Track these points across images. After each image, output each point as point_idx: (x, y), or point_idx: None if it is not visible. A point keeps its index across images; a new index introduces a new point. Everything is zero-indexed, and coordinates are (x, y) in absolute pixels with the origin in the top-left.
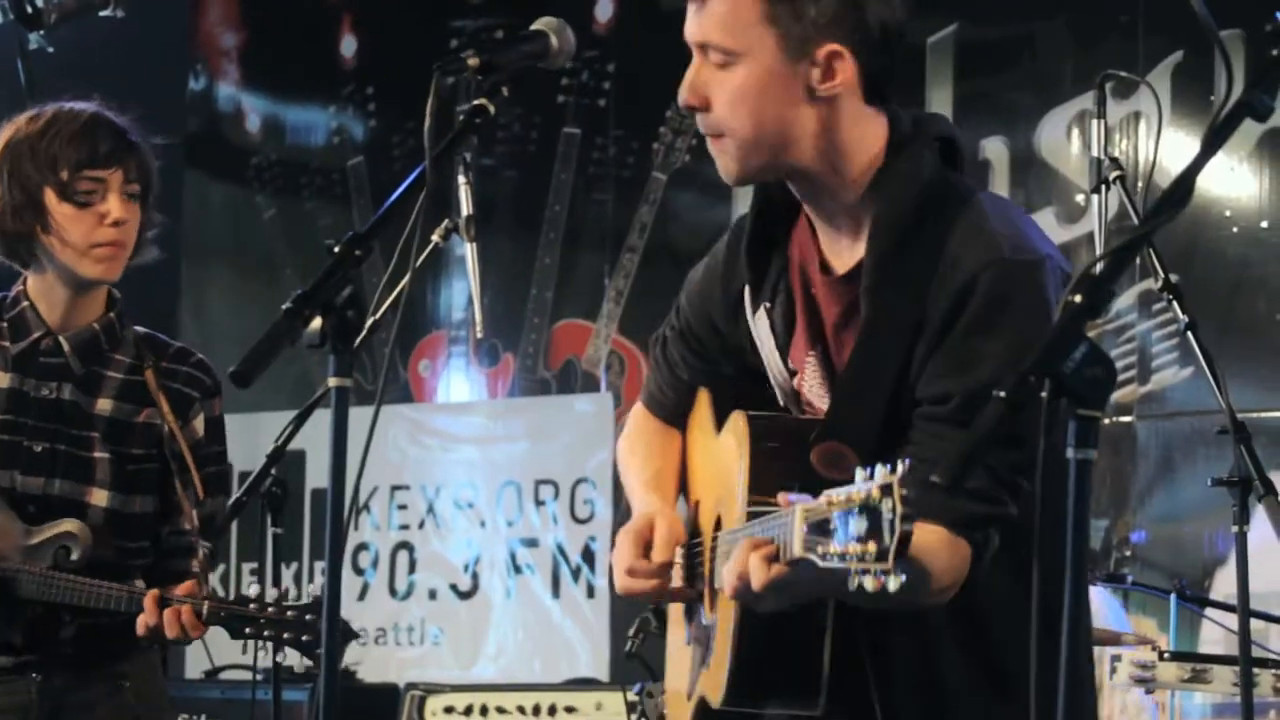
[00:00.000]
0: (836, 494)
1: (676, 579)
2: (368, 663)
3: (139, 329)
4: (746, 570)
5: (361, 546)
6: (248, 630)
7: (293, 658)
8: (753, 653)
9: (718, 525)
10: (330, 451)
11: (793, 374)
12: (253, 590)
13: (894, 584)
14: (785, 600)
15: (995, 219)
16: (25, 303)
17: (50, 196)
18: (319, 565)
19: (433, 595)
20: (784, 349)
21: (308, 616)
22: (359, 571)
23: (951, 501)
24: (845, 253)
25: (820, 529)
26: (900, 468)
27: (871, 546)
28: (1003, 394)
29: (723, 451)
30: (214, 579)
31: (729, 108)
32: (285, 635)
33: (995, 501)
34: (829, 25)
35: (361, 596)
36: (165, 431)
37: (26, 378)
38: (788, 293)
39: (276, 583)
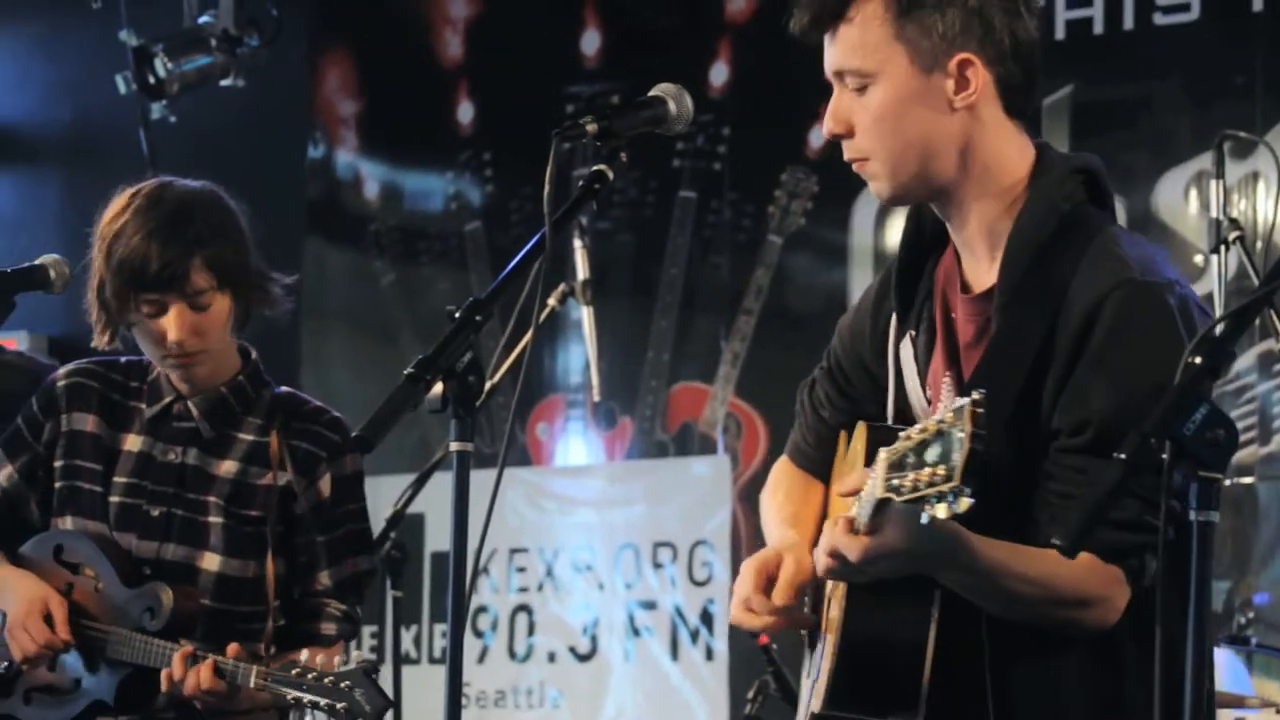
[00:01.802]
0: (913, 429)
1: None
2: None
3: (281, 389)
4: (836, 545)
5: (481, 609)
6: (290, 697)
7: None
8: (853, 656)
9: None
10: (452, 515)
11: (930, 402)
12: (302, 656)
13: (963, 504)
14: (883, 567)
15: (1126, 245)
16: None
17: (121, 307)
18: (439, 628)
19: (552, 658)
20: (923, 376)
21: (344, 684)
22: (478, 634)
23: (1108, 534)
24: (984, 274)
25: (899, 466)
26: (976, 394)
27: (941, 469)
28: (1123, 456)
29: (853, 465)
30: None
31: (871, 129)
32: (324, 703)
33: (1145, 529)
34: (958, 36)
35: (481, 659)
36: (290, 494)
37: (157, 441)
38: (930, 320)
39: (397, 646)
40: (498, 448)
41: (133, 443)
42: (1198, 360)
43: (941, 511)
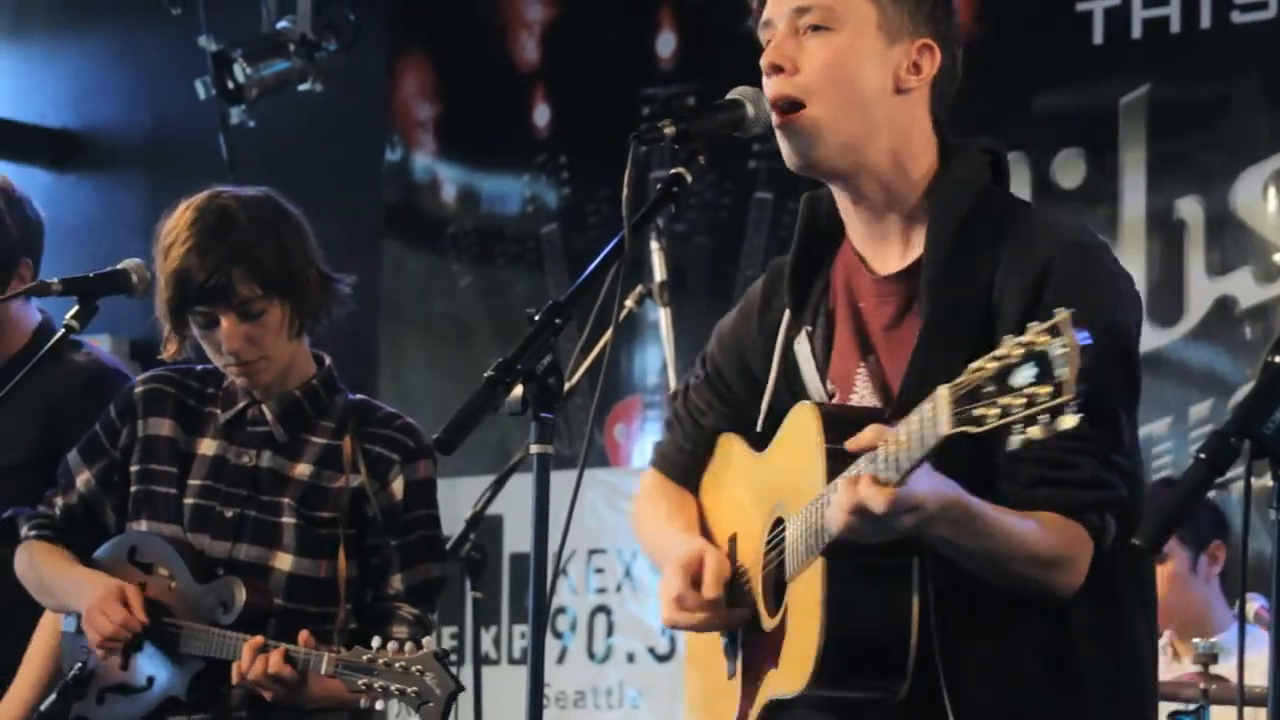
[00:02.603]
0: (984, 360)
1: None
2: None
3: (354, 396)
4: (861, 498)
5: (560, 610)
6: (362, 682)
7: None
8: (840, 629)
9: (773, 529)
10: (533, 517)
11: (831, 395)
12: (374, 644)
13: (1071, 420)
14: (906, 521)
15: (1056, 215)
16: None
17: (177, 320)
18: (518, 629)
19: (631, 658)
20: (822, 371)
21: (415, 669)
22: (557, 635)
23: (1068, 493)
24: (894, 257)
25: (971, 398)
26: (1062, 313)
27: (1044, 388)
28: (1204, 455)
29: (783, 451)
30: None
31: (821, 72)
32: (395, 687)
33: (1105, 486)
34: (925, 20)
35: (560, 660)
36: (362, 497)
37: (231, 445)
38: (828, 315)
39: (476, 646)
40: (576, 449)
41: (207, 446)
42: (1277, 359)
43: (1037, 433)
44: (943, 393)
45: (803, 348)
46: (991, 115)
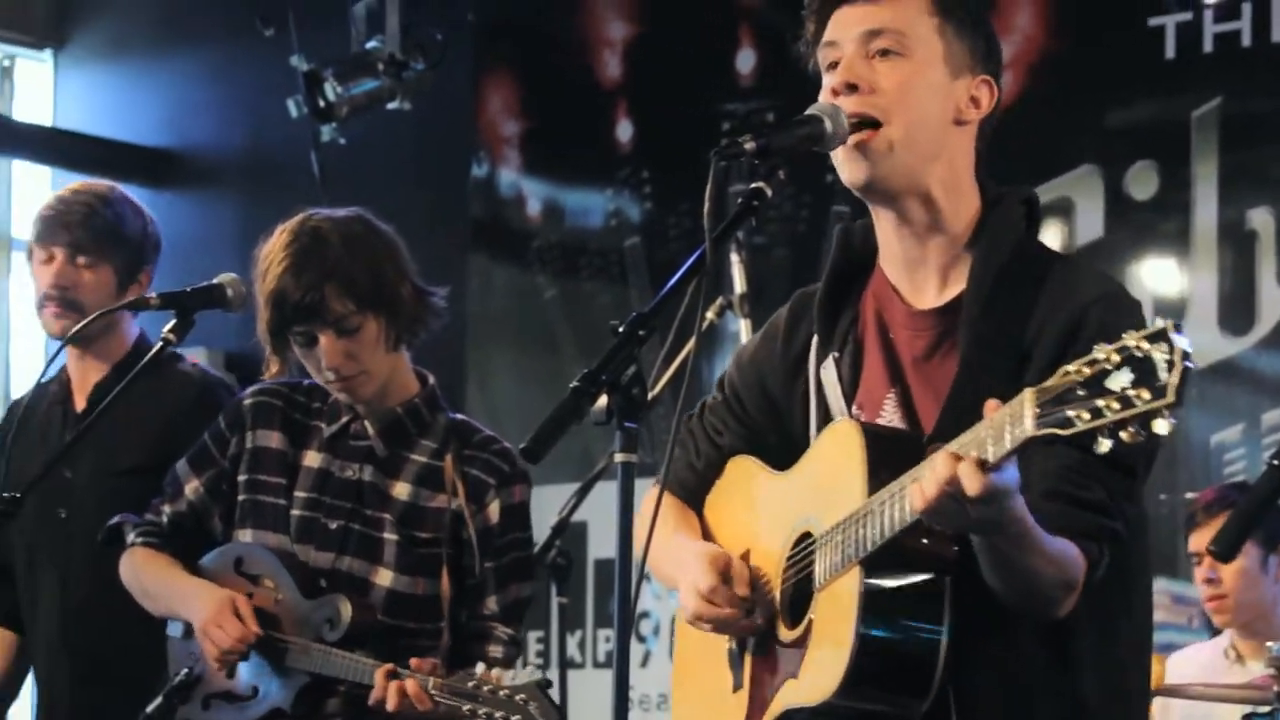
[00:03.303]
0: (1076, 364)
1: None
2: None
3: (455, 416)
4: (959, 475)
5: (643, 615)
6: (466, 708)
7: None
8: (874, 640)
9: (801, 543)
10: (617, 524)
11: (857, 419)
12: (478, 669)
13: (1165, 427)
14: (988, 511)
15: (1093, 268)
16: None
17: (277, 339)
18: (602, 633)
19: None
20: (848, 396)
21: (519, 697)
22: (641, 639)
23: (1076, 512)
24: (931, 292)
25: (1058, 401)
26: (1166, 321)
27: (1143, 392)
28: (1276, 461)
29: (816, 466)
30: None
31: (896, 92)
32: (499, 715)
33: (1112, 516)
34: (984, 58)
35: (644, 663)
36: (459, 517)
37: (335, 458)
38: (856, 343)
39: (562, 650)
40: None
41: (312, 459)
42: None
43: (1127, 437)
44: (1027, 395)
45: (829, 373)
46: (1065, 129)
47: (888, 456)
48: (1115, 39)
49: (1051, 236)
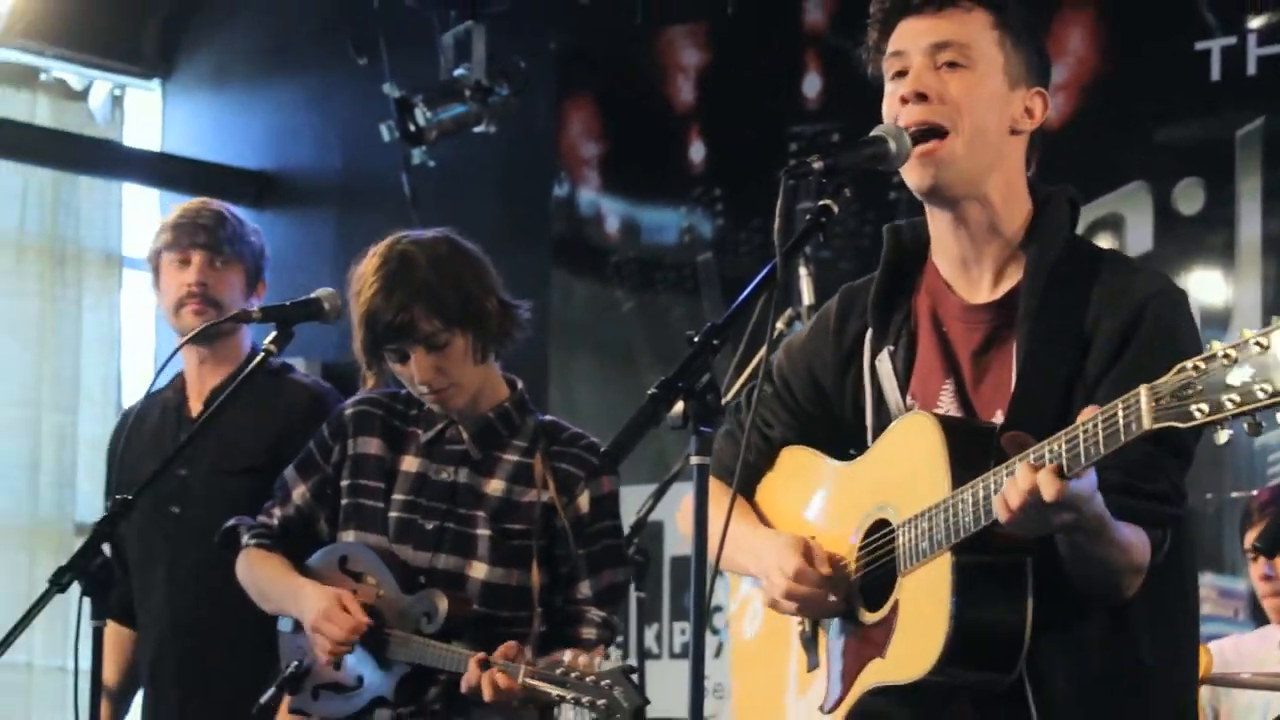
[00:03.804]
0: (1193, 360)
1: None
2: (724, 715)
3: (544, 417)
4: (1037, 483)
5: (717, 608)
6: (555, 694)
7: None
8: (970, 616)
9: (871, 533)
10: (693, 522)
11: (909, 408)
12: (565, 656)
13: None
14: (1065, 517)
15: (1143, 263)
16: None
17: (371, 357)
18: (678, 625)
19: None
20: (903, 387)
21: (604, 683)
22: (714, 631)
23: (1144, 504)
24: (985, 288)
25: (1178, 396)
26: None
27: (1264, 386)
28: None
29: (886, 458)
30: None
31: (962, 104)
32: (585, 699)
33: (1175, 504)
34: (1038, 71)
35: (718, 654)
36: (551, 511)
37: (431, 462)
38: (910, 336)
39: (640, 643)
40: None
41: (410, 464)
42: None
43: (1248, 429)
44: (1144, 391)
45: (884, 365)
46: (1115, 146)
47: (967, 448)
48: (1163, 62)
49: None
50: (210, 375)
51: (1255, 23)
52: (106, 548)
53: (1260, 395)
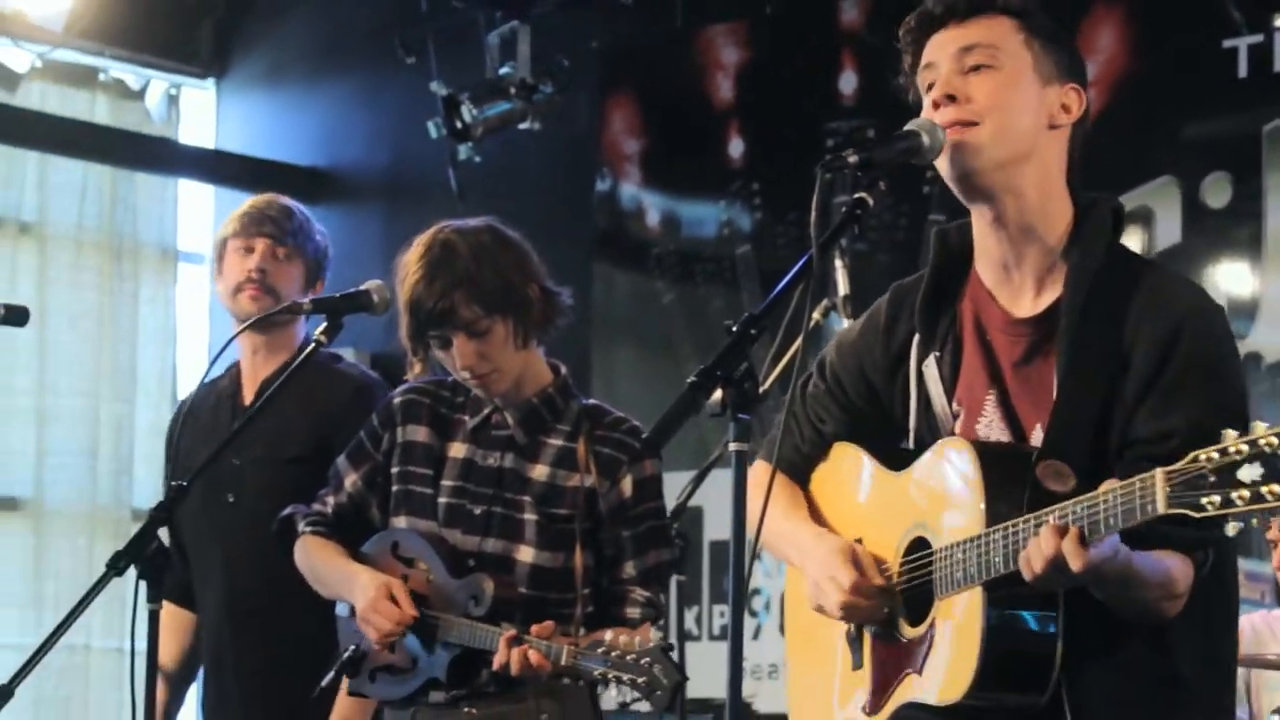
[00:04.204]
0: (1207, 451)
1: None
2: (762, 695)
3: (587, 401)
4: (1063, 552)
5: (755, 591)
6: (597, 672)
7: None
8: (1000, 648)
9: (912, 550)
10: (732, 507)
11: (955, 415)
12: (607, 636)
13: None
14: (1085, 578)
15: (1181, 276)
16: None
17: (416, 343)
18: (717, 608)
19: None
20: (949, 392)
21: (644, 661)
22: (753, 614)
23: (1183, 531)
24: (1028, 300)
25: (1188, 485)
26: None
27: (1276, 487)
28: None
29: (928, 478)
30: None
31: (989, 99)
32: (626, 677)
33: (1215, 526)
34: (1071, 67)
35: (755, 636)
36: (594, 494)
37: (478, 448)
38: (956, 342)
39: (680, 625)
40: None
41: (457, 450)
42: None
43: (1255, 523)
44: (1159, 476)
45: (931, 370)
46: (1145, 142)
47: (1003, 479)
48: (1191, 59)
49: (1132, 243)
50: (264, 365)
51: None
52: (163, 533)
53: (1268, 499)
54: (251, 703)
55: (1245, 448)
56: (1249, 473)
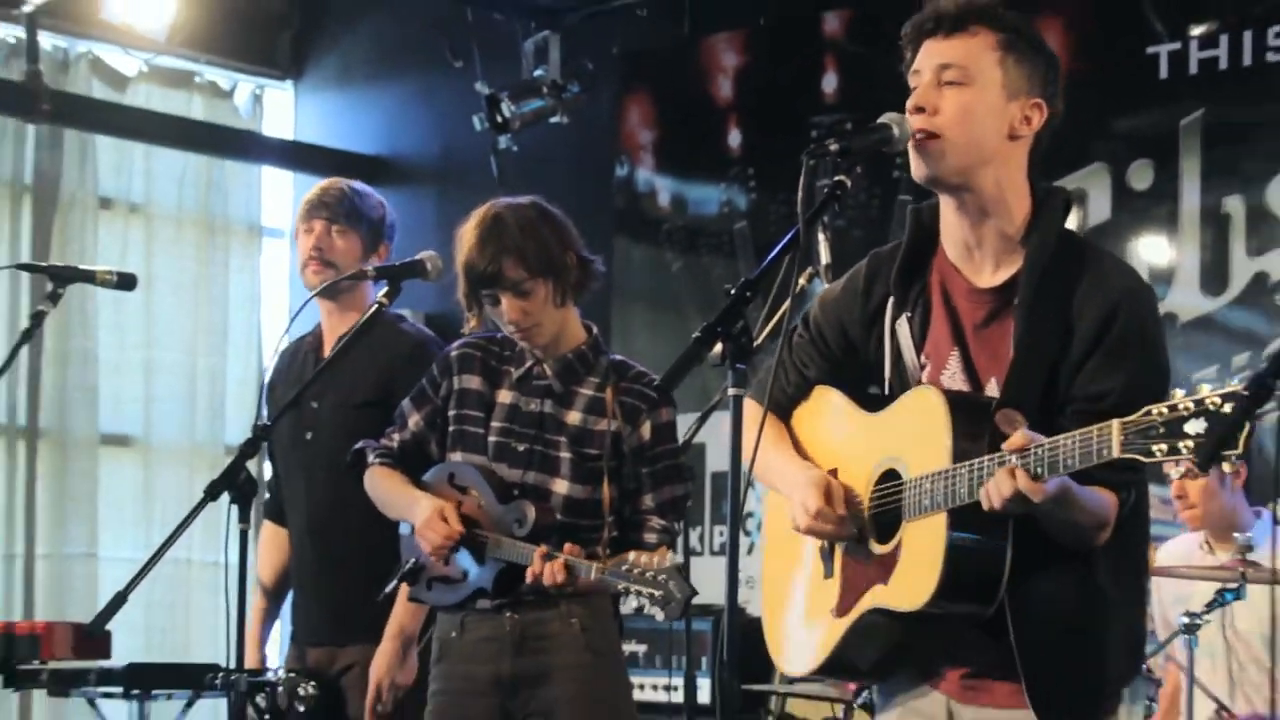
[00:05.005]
0: (1158, 407)
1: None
2: (754, 601)
3: (615, 357)
4: (1021, 488)
5: (749, 514)
6: (620, 586)
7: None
8: (959, 564)
9: (884, 480)
10: (730, 443)
11: (923, 367)
12: (630, 556)
13: (1229, 466)
14: (1044, 508)
15: (1119, 260)
16: None
17: (471, 300)
18: (717, 528)
19: None
20: (918, 348)
21: (660, 577)
22: (747, 533)
23: (1115, 474)
24: (987, 274)
25: (1141, 435)
26: (1232, 385)
27: (1213, 438)
28: (1247, 393)
29: (900, 419)
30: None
31: (956, 116)
32: (645, 591)
33: (1139, 471)
34: (1039, 84)
35: (749, 552)
36: (619, 437)
37: (521, 395)
38: (925, 306)
39: (686, 542)
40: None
41: (504, 396)
42: None
43: (1178, 471)
44: (1115, 425)
45: (903, 329)
46: (1081, 133)
47: (967, 421)
48: (1120, 63)
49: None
50: (340, 324)
51: (1196, 31)
52: (251, 464)
53: (1190, 448)
54: (326, 606)
55: (1192, 405)
56: (1194, 426)
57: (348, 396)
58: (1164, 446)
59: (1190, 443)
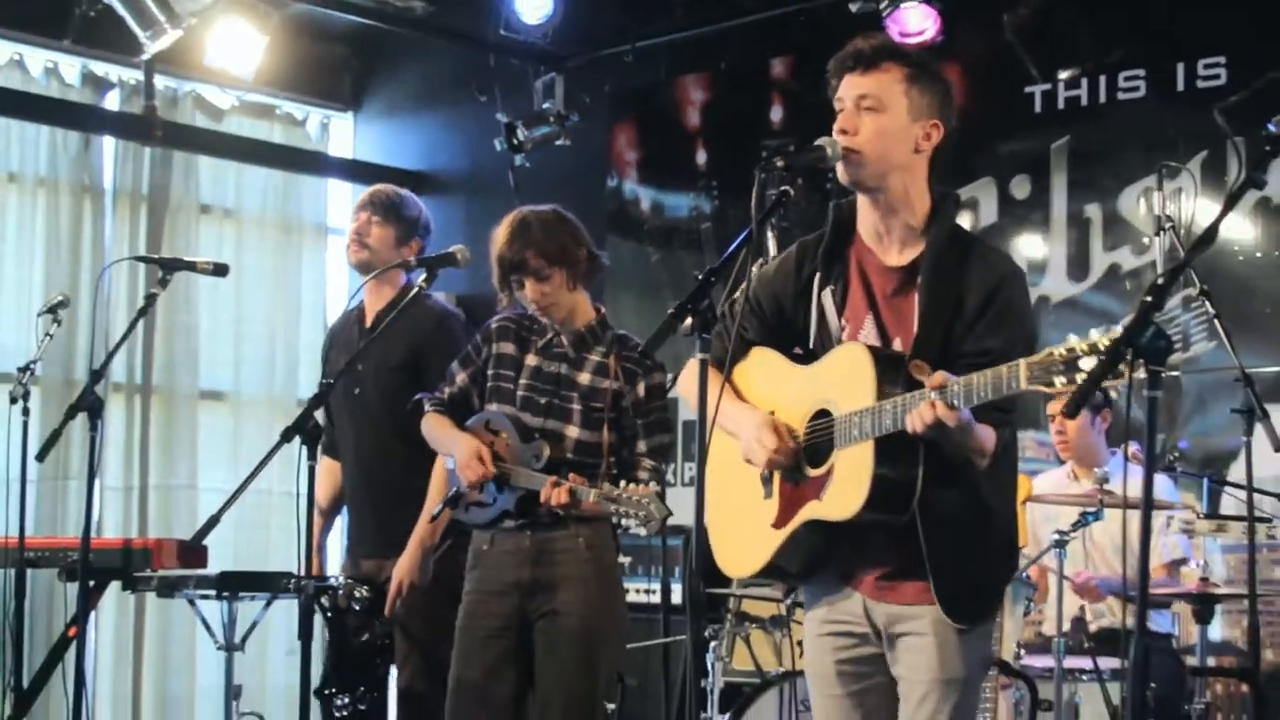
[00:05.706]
0: (1058, 348)
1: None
2: None
3: (618, 331)
4: (940, 416)
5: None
6: (614, 508)
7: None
8: (883, 481)
9: (816, 418)
10: (698, 397)
11: (843, 328)
12: (622, 484)
13: (1115, 394)
14: (957, 435)
15: (997, 247)
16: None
17: (503, 284)
18: (687, 465)
19: None
20: (840, 313)
21: (643, 500)
22: None
23: (998, 414)
24: (895, 255)
25: (1044, 370)
26: (1118, 331)
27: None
28: (1104, 355)
29: (831, 369)
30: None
31: (871, 136)
32: (631, 511)
33: (1009, 412)
34: (938, 108)
35: None
36: (620, 394)
37: (543, 359)
38: (844, 280)
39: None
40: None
41: (531, 360)
42: (1149, 299)
43: (1059, 409)
44: (1023, 364)
45: (827, 298)
46: (973, 153)
47: (887, 369)
48: (1004, 99)
49: (964, 222)
50: (378, 300)
51: (1063, 74)
52: (319, 414)
53: (1087, 380)
54: (375, 526)
55: (1086, 347)
56: (1087, 363)
57: (385, 359)
58: (1063, 379)
59: (1084, 376)
